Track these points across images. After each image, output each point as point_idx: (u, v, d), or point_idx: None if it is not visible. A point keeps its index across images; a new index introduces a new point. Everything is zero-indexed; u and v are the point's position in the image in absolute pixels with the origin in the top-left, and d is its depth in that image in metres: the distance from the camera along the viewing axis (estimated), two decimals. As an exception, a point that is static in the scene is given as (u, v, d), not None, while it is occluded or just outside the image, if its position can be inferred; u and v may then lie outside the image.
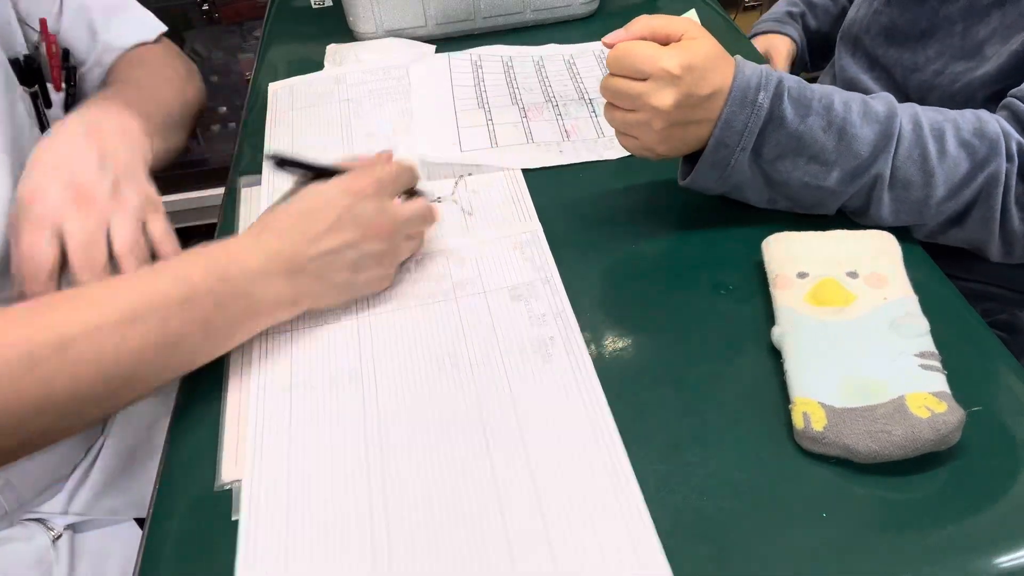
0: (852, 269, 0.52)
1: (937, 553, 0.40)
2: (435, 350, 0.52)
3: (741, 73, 0.53)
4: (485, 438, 0.46)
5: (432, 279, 0.58)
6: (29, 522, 0.66)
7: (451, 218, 0.63)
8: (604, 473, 0.44)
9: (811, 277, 0.52)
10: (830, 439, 0.43)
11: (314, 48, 0.90)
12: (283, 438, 0.48)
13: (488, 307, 0.55)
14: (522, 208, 0.64)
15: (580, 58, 0.85)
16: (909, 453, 0.42)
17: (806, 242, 0.54)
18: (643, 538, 0.41)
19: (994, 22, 0.67)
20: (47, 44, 0.68)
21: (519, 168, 0.69)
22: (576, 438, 0.46)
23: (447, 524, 0.42)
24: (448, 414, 0.48)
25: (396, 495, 0.44)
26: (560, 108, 0.77)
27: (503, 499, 0.43)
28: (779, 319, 0.50)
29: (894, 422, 0.42)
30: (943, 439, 0.42)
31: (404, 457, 0.46)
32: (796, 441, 0.45)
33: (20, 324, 0.43)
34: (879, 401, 0.44)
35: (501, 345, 0.52)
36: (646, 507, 0.42)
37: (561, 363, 0.50)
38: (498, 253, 0.60)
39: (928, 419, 0.42)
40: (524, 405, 0.48)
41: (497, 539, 0.41)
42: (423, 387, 0.50)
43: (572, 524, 0.42)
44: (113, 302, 0.45)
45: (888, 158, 0.53)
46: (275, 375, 0.51)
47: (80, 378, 0.43)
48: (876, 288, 0.50)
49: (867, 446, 0.42)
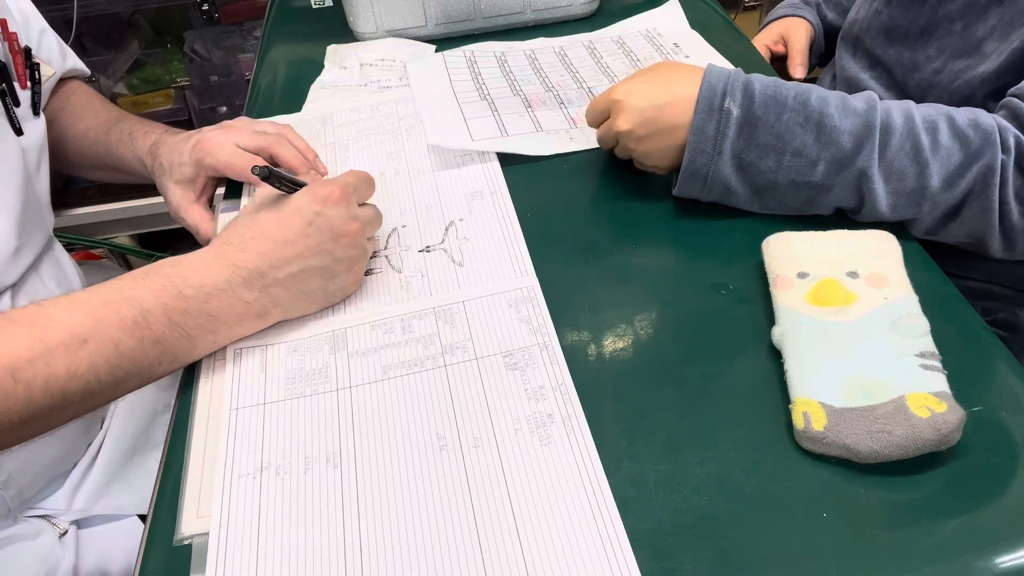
0: (853, 269, 0.52)
1: (937, 553, 0.40)
2: (423, 429, 0.47)
3: (706, 81, 0.56)
4: (476, 533, 0.42)
5: (420, 341, 0.53)
6: (34, 519, 0.66)
7: (441, 270, 0.58)
8: (607, 571, 0.40)
9: (811, 277, 0.52)
10: (830, 439, 0.43)
11: (314, 48, 0.89)
12: (251, 525, 0.43)
13: (480, 377, 0.50)
14: (516, 258, 0.59)
15: (571, 49, 0.86)
16: (909, 453, 0.42)
17: (806, 242, 0.54)
18: None
19: (993, 20, 0.67)
20: (9, 43, 0.69)
21: (533, 154, 0.69)
22: (578, 537, 0.41)
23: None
24: (436, 504, 0.43)
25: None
26: (562, 97, 0.77)
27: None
28: (779, 319, 0.50)
29: (894, 422, 0.42)
30: (944, 439, 0.42)
31: (386, 551, 0.42)
32: (796, 441, 0.45)
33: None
34: (879, 401, 0.44)
35: (495, 423, 0.47)
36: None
37: (561, 447, 0.45)
38: (491, 311, 0.54)
39: (928, 419, 0.42)
40: (520, 498, 0.43)
41: None
42: (409, 472, 0.45)
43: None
44: (62, 326, 0.44)
45: (873, 149, 0.54)
46: (244, 455, 0.47)
47: (33, 400, 0.43)
48: (877, 288, 0.50)
49: (867, 446, 0.42)
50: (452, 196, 0.66)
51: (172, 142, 0.69)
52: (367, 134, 0.75)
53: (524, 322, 0.54)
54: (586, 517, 0.42)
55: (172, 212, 0.70)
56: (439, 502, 0.44)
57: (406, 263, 0.59)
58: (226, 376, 0.51)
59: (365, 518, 0.43)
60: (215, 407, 0.50)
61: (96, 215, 1.43)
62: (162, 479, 0.47)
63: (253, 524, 0.43)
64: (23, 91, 0.69)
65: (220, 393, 0.51)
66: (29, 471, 0.64)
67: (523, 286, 0.56)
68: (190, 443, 0.48)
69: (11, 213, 0.64)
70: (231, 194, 0.69)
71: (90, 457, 0.70)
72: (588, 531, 0.41)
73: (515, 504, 0.43)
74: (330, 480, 0.45)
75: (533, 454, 0.45)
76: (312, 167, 0.68)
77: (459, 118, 0.74)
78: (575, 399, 0.48)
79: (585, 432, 0.46)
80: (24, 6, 0.74)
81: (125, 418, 0.73)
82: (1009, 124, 0.55)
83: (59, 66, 0.78)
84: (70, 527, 0.67)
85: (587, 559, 0.40)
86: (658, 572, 0.40)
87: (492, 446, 0.46)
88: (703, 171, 0.57)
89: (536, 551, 0.41)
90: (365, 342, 0.53)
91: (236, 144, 0.66)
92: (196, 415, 0.50)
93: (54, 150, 0.76)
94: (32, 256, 0.67)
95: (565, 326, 0.53)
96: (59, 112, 0.79)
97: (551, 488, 0.44)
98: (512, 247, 0.60)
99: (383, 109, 0.79)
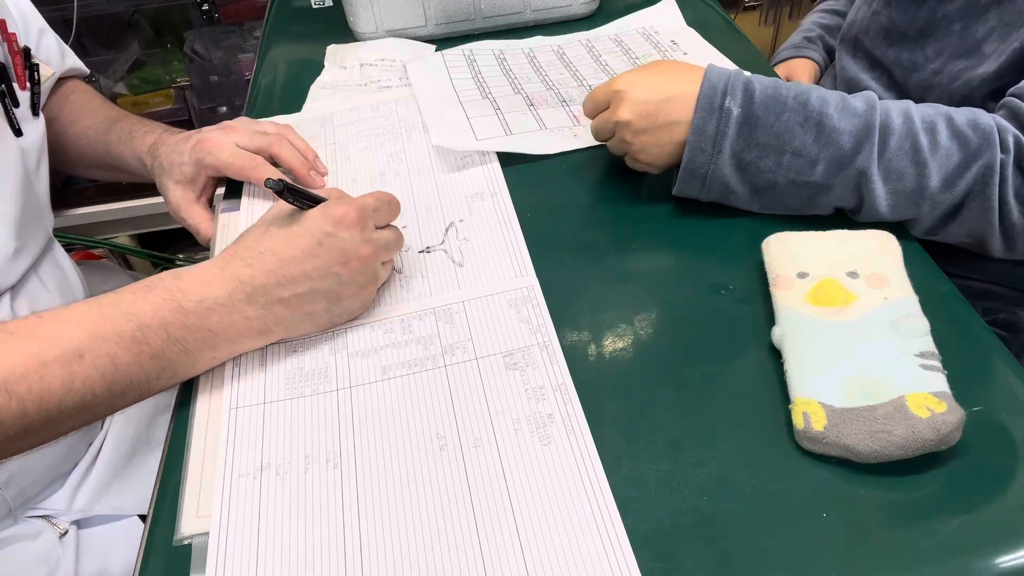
0: (853, 269, 0.52)
1: (937, 553, 0.40)
2: (423, 429, 0.47)
3: (707, 80, 0.56)
4: (476, 533, 0.42)
5: (421, 341, 0.53)
6: (34, 519, 0.66)
7: (441, 270, 0.59)
8: (607, 571, 0.40)
9: (811, 277, 0.52)
10: (830, 439, 0.43)
11: (314, 48, 0.89)
12: (251, 525, 0.43)
13: (480, 377, 0.50)
14: (516, 258, 0.59)
15: (569, 48, 0.86)
16: (909, 453, 0.42)
17: (806, 242, 0.54)
18: None
19: (992, 20, 0.67)
20: (8, 44, 0.69)
21: (538, 153, 0.69)
22: (578, 538, 0.41)
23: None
24: (436, 504, 0.43)
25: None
26: (563, 95, 0.77)
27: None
28: (779, 319, 0.50)
29: (894, 422, 0.42)
30: (943, 439, 0.42)
31: (386, 551, 0.42)
32: (796, 441, 0.45)
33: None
34: (879, 401, 0.44)
35: (495, 423, 0.47)
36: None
37: (561, 447, 0.45)
38: (491, 311, 0.55)
39: (928, 419, 0.42)
40: (520, 498, 0.43)
41: None
42: (409, 472, 0.45)
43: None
44: (58, 339, 0.43)
45: (872, 149, 0.54)
46: (244, 455, 0.47)
47: (27, 414, 0.42)
48: (877, 288, 0.50)
49: (867, 446, 0.42)
50: (452, 197, 0.66)
51: (172, 142, 0.69)
52: (367, 135, 0.75)
53: (524, 322, 0.53)
54: (586, 517, 0.42)
55: (172, 212, 0.70)
56: (439, 502, 0.44)
57: (406, 264, 0.59)
58: (226, 375, 0.51)
59: (365, 517, 0.43)
60: (215, 407, 0.50)
61: (96, 215, 1.43)
62: (162, 479, 0.47)
63: (253, 524, 0.43)
64: (22, 92, 0.69)
65: (220, 393, 0.51)
66: (30, 472, 0.64)
67: (523, 286, 0.56)
68: (190, 443, 0.48)
69: (10, 215, 0.64)
70: (231, 194, 0.69)
71: (90, 457, 0.70)
72: (588, 531, 0.41)
73: (515, 504, 0.43)
74: (330, 480, 0.45)
75: (533, 454, 0.45)
76: (312, 167, 0.68)
77: (462, 118, 0.74)
78: (575, 399, 0.48)
79: (585, 432, 0.46)
80: (23, 6, 0.74)
81: (125, 418, 0.73)
82: (1009, 124, 0.55)
83: (58, 66, 0.78)
84: (70, 527, 0.67)
85: (587, 559, 0.40)
86: (658, 572, 0.40)
87: (492, 446, 0.46)
88: (702, 170, 0.58)
89: (536, 551, 0.41)
90: (365, 342, 0.53)
91: (236, 144, 0.66)
92: (196, 415, 0.50)
93: (53, 149, 0.76)
94: (31, 258, 0.67)
95: (565, 326, 0.53)
96: (58, 111, 0.79)
97: (551, 488, 0.44)
98: (512, 248, 0.60)
99: (383, 109, 0.79)
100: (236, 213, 0.67)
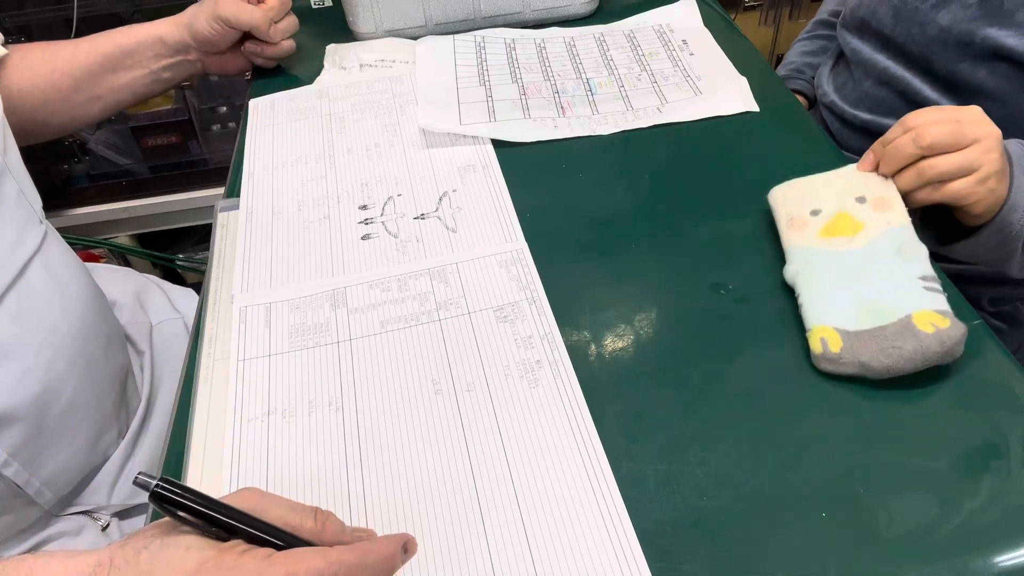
0: (861, 194, 0.55)
1: (937, 553, 0.40)
2: (419, 375, 0.50)
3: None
4: (470, 467, 0.45)
5: (416, 299, 0.56)
6: (75, 515, 0.65)
7: (435, 235, 0.61)
8: (593, 502, 0.43)
9: (825, 213, 0.55)
10: (847, 359, 0.47)
11: (314, 48, 0.89)
12: (260, 464, 0.46)
13: (473, 329, 0.53)
14: (507, 225, 0.62)
15: (580, 40, 0.87)
16: (919, 366, 0.46)
17: (812, 181, 0.57)
18: (632, 566, 0.40)
19: None
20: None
21: (516, 140, 0.70)
22: (564, 468, 0.44)
23: (431, 553, 0.41)
24: (432, 442, 0.46)
25: (377, 522, 0.43)
26: (558, 86, 0.79)
27: (489, 530, 0.42)
28: (792, 258, 0.54)
29: (903, 339, 0.46)
30: (948, 352, 0.46)
31: (386, 485, 0.44)
32: (814, 365, 0.48)
33: None
34: (889, 321, 0.47)
35: (486, 369, 0.50)
36: (636, 539, 0.41)
37: (548, 389, 0.49)
38: (483, 272, 0.58)
39: (934, 334, 0.46)
40: (510, 434, 0.46)
41: (482, 568, 0.40)
42: (406, 413, 0.48)
43: (560, 554, 0.41)
44: None
45: None
46: (252, 402, 0.50)
47: None
48: (882, 212, 0.54)
49: (880, 362, 0.46)
50: (445, 168, 0.69)
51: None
52: (362, 108, 0.78)
53: (514, 280, 0.57)
54: (571, 448, 0.46)
55: (223, 19, 0.77)
56: (435, 439, 0.47)
57: (402, 229, 0.62)
58: (232, 332, 0.54)
59: (366, 452, 0.46)
60: (215, 407, 0.50)
61: (96, 215, 1.42)
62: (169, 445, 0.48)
63: (262, 462, 0.46)
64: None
65: (220, 393, 0.51)
66: (61, 476, 0.63)
67: (513, 249, 0.60)
68: (190, 443, 0.48)
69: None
70: (231, 194, 0.69)
71: (126, 450, 0.68)
72: (573, 460, 0.45)
73: (506, 440, 0.46)
74: (333, 421, 0.48)
75: (522, 395, 0.49)
76: None
77: (454, 102, 0.76)
78: (562, 347, 0.51)
79: (570, 373, 0.50)
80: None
81: (164, 413, 0.72)
82: None
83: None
84: (111, 520, 0.67)
85: (573, 485, 0.44)
86: (658, 572, 0.40)
87: (484, 390, 0.49)
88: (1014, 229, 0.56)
89: (524, 480, 0.44)
90: (364, 299, 0.56)
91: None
92: (196, 415, 0.50)
93: (24, 114, 0.74)
94: (27, 251, 0.65)
95: (565, 326, 0.53)
96: (12, 71, 0.75)
97: (539, 425, 0.47)
98: (503, 216, 0.63)
99: (378, 86, 0.82)
100: (235, 213, 0.67)
